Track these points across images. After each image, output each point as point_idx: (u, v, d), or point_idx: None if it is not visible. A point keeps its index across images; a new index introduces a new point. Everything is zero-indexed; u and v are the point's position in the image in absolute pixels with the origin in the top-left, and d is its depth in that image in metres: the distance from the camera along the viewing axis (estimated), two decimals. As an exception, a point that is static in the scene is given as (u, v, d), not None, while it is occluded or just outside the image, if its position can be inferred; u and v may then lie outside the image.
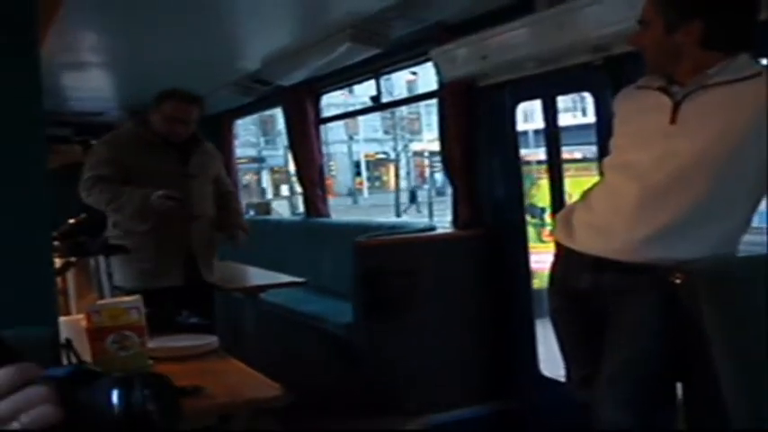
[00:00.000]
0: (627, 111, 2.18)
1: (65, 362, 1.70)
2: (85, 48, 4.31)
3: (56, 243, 2.77)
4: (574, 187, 3.57)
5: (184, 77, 5.41)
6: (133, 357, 1.91)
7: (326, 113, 6.12)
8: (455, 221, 3.95)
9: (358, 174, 37.02)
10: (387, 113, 31.64)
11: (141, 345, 1.95)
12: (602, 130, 2.79)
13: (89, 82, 5.39)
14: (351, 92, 13.55)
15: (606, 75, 2.81)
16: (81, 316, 2.06)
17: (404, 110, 32.28)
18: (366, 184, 37.24)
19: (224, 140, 6.34)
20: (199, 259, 3.57)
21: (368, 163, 37.54)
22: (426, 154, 34.28)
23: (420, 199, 29.22)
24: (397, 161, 34.56)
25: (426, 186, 31.99)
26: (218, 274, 3.74)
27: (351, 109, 8.84)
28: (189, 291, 3.50)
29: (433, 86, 4.17)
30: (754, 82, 1.92)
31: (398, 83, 8.54)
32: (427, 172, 34.99)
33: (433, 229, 4.31)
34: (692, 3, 1.97)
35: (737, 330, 1.83)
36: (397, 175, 33.37)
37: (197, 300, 3.50)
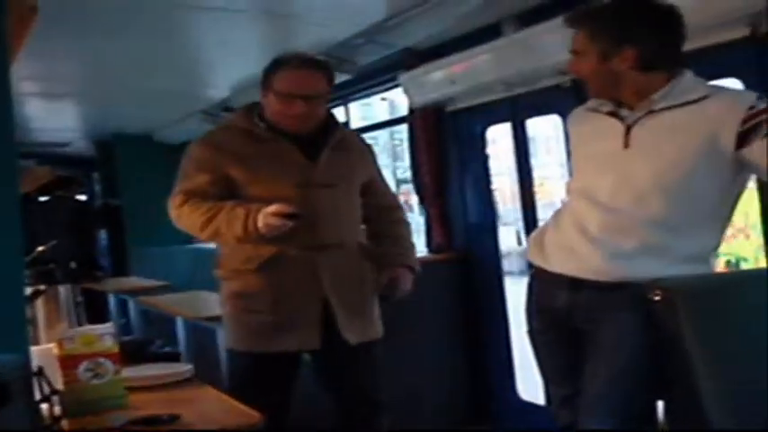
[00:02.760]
0: (582, 133, 2.21)
1: (37, 390, 1.65)
2: (51, 77, 4.28)
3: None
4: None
5: (152, 106, 5.41)
6: (107, 385, 1.85)
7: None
8: (429, 245, 3.95)
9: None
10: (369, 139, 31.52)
11: (116, 372, 1.89)
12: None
13: (54, 112, 5.35)
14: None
15: (574, 97, 2.84)
16: (52, 345, 2.00)
17: (385, 135, 32.24)
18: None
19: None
20: (337, 309, 2.43)
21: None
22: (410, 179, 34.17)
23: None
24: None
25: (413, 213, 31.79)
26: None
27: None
28: (328, 356, 2.50)
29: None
30: (702, 105, 1.94)
31: (381, 107, 8.44)
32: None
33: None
34: (620, 31, 1.99)
35: (716, 346, 1.84)
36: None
37: (338, 368, 2.56)
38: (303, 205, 2.33)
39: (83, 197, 7.26)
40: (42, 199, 6.11)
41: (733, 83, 2.26)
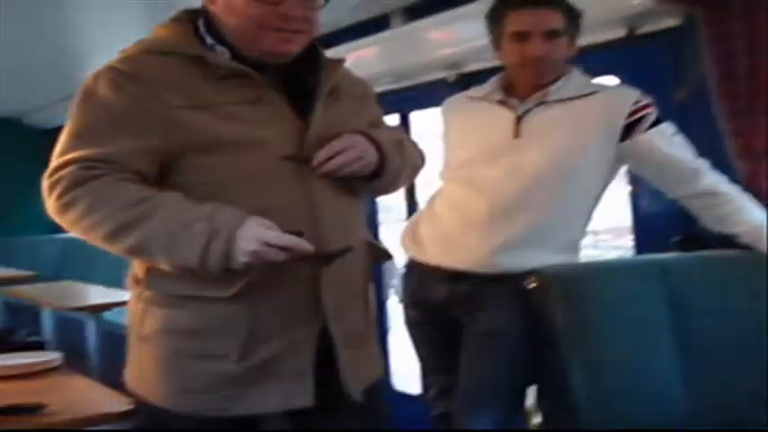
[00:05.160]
0: (465, 122, 2.23)
1: None
2: None
3: None
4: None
5: (23, 86, 5.12)
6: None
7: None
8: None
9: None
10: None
11: (-25, 360, 1.79)
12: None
13: None
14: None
15: (460, 91, 2.89)
16: None
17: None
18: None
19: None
20: (339, 344, 1.56)
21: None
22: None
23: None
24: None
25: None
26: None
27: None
28: (318, 417, 1.57)
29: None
30: (592, 99, 2.04)
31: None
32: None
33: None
34: (577, 19, 2.06)
35: (587, 331, 1.92)
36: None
37: None
38: (296, 190, 1.49)
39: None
40: None
41: (611, 80, 2.35)
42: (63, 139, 1.47)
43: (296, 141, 1.49)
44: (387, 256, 1.75)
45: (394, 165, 1.61)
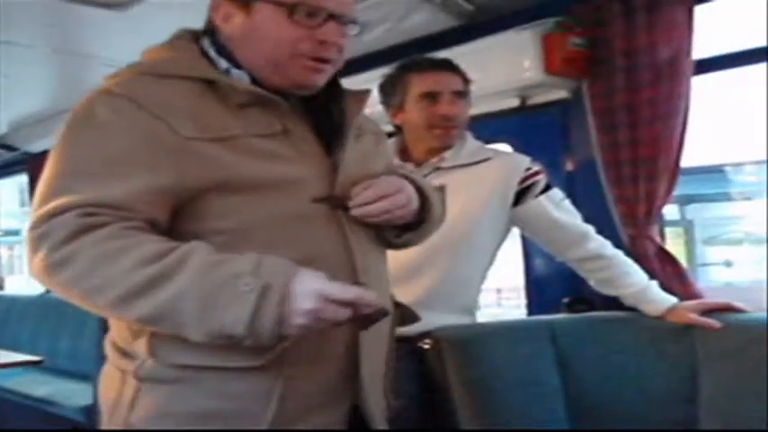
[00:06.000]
0: None
1: None
2: None
3: None
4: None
5: None
6: None
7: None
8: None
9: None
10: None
11: None
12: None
13: None
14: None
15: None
16: None
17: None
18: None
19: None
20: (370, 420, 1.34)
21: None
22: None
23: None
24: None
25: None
26: None
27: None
28: None
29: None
30: (486, 166, 2.10)
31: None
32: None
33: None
34: (470, 89, 2.12)
35: (478, 390, 1.94)
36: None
37: None
38: (334, 238, 1.27)
39: None
40: None
41: (504, 147, 2.44)
42: (50, 179, 1.15)
43: (327, 181, 1.26)
44: (413, 318, 1.53)
45: (436, 214, 1.45)
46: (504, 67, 2.38)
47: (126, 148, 1.14)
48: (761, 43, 2.23)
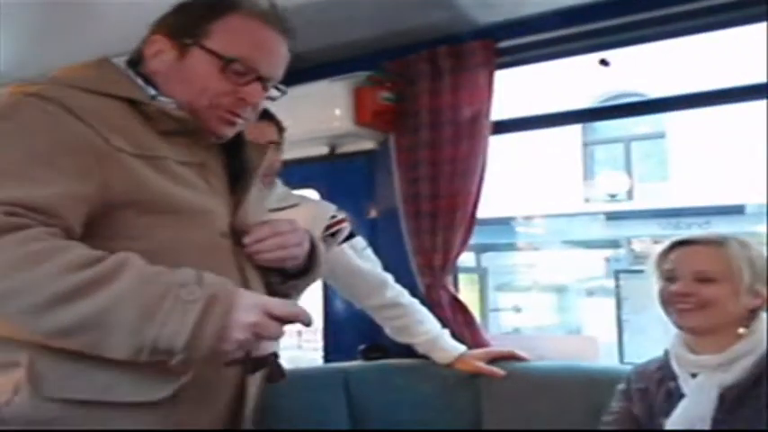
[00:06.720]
0: None
1: None
2: None
3: None
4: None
5: None
6: None
7: None
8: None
9: None
10: None
11: None
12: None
13: None
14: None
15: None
16: None
17: None
18: None
19: None
20: None
21: None
22: None
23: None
24: None
25: None
26: None
27: None
28: None
29: None
30: (293, 211, 2.10)
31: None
32: None
33: None
34: (284, 135, 2.09)
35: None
36: None
37: None
38: (234, 272, 1.26)
39: None
40: None
41: (312, 193, 2.47)
42: None
43: (231, 217, 1.30)
44: (282, 374, 1.31)
45: (321, 264, 1.45)
46: (317, 115, 2.42)
47: (54, 150, 1.10)
48: (553, 109, 2.43)
